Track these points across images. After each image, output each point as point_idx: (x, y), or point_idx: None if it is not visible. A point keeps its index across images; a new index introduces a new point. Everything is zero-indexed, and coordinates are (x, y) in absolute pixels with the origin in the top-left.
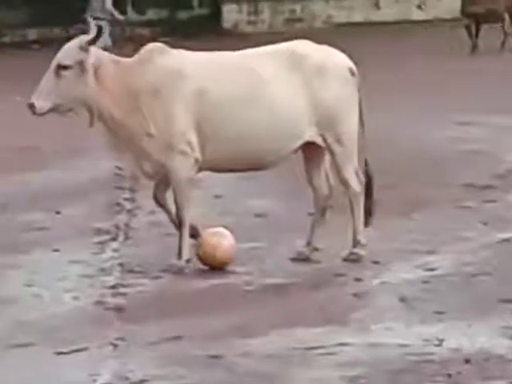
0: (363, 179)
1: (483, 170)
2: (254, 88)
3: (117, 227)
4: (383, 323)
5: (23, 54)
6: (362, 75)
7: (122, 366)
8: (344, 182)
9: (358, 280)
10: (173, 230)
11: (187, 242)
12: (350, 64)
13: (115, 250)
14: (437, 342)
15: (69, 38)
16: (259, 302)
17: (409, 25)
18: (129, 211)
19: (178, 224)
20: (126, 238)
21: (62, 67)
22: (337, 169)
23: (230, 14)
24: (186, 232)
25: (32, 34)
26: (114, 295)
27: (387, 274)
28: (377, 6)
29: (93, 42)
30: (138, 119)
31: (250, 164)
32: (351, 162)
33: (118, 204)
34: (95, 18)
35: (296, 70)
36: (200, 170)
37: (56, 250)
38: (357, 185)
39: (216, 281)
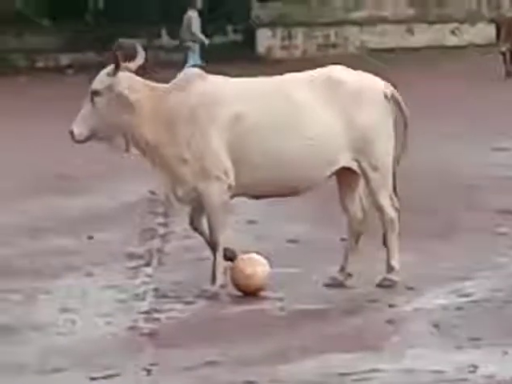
0: (398, 205)
1: None
2: (289, 114)
3: (150, 252)
4: (417, 349)
5: (56, 78)
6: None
7: None
8: (378, 208)
9: (392, 306)
10: (206, 254)
11: (221, 267)
12: (386, 89)
13: (149, 275)
14: (471, 369)
15: (102, 63)
16: (292, 327)
17: (442, 50)
18: (162, 236)
19: (212, 249)
20: (160, 263)
21: (94, 93)
22: (371, 194)
23: (264, 40)
24: (220, 257)
25: (65, 59)
26: (147, 320)
27: (421, 300)
28: (410, 31)
29: (117, 68)
30: (173, 145)
31: (284, 190)
32: (386, 188)
33: (152, 229)
34: (185, 41)
35: (332, 95)
36: (234, 195)
37: (89, 275)
38: (391, 210)
39: (249, 306)
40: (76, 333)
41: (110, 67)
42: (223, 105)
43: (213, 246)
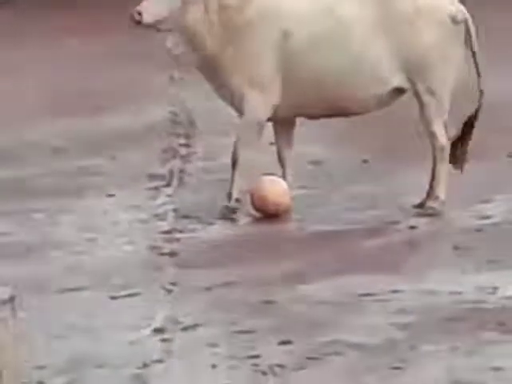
0: (449, 133)
1: None
2: (336, 32)
3: (171, 173)
4: (436, 271)
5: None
6: None
7: (174, 311)
8: (431, 134)
9: (412, 228)
10: (227, 176)
11: (238, 182)
12: (455, 10)
13: (169, 196)
14: (490, 290)
15: None
16: (312, 248)
17: None
18: (183, 157)
19: (232, 163)
20: (181, 183)
21: None
22: (425, 120)
23: None
24: (238, 173)
25: None
26: (167, 240)
27: (441, 222)
28: None
29: None
30: (227, 53)
31: (335, 110)
32: (441, 115)
33: (173, 150)
34: None
35: (386, 13)
36: (287, 116)
37: (110, 195)
38: (444, 139)
39: (269, 227)
40: (97, 252)
41: None
42: (273, 22)
43: (233, 159)
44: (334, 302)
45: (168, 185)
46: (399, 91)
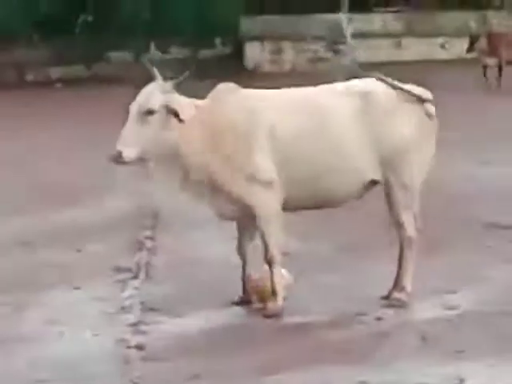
0: (420, 225)
1: (505, 208)
2: (321, 126)
3: (138, 265)
4: (404, 362)
5: (46, 92)
6: None
7: None
8: (399, 225)
9: (379, 319)
10: (193, 268)
11: (281, 280)
12: (428, 105)
13: (136, 288)
14: (457, 381)
15: (91, 77)
16: (280, 340)
17: (431, 64)
18: (149, 249)
19: (269, 264)
20: (147, 276)
21: (147, 112)
22: (394, 211)
23: (253, 53)
24: (279, 271)
25: (55, 72)
26: (134, 333)
27: (408, 313)
28: (399, 45)
29: (178, 85)
30: (219, 158)
31: (321, 202)
32: (411, 206)
33: (139, 242)
34: (339, 43)
35: (364, 109)
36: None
37: (77, 288)
38: (412, 229)
39: (237, 319)
40: (63, 345)
41: (161, 85)
42: (260, 117)
43: (269, 261)
44: None
45: (135, 277)
46: (373, 183)
